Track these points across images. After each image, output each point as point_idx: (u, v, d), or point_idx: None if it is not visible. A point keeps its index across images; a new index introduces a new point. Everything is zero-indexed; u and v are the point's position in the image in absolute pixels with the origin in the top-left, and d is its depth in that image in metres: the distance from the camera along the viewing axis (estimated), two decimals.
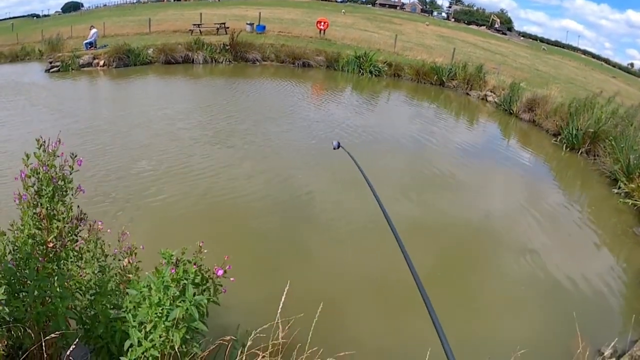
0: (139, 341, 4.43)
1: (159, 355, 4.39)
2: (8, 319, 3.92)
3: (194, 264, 4.56)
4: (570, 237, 12.68)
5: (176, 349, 4.36)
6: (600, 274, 11.01)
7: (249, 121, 18.44)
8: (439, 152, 18.25)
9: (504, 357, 6.47)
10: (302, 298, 6.32)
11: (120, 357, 4.47)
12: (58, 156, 4.48)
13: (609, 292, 10.34)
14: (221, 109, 19.87)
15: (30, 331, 4.32)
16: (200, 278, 4.59)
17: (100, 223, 5.46)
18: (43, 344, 4.19)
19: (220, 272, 4.61)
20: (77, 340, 4.40)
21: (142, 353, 4.40)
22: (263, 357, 4.99)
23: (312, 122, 19.62)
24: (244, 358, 4.87)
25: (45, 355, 4.39)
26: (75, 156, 4.60)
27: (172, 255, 4.51)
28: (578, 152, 20.11)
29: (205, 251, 4.67)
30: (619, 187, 16.23)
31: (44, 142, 4.41)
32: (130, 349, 4.46)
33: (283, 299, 5.15)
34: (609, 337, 8.17)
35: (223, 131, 16.76)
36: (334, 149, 5.69)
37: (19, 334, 4.40)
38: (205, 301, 4.48)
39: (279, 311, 5.15)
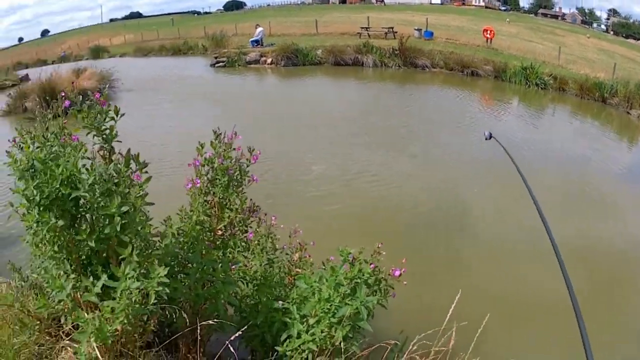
0: (298, 333, 4.48)
1: (317, 350, 4.39)
2: (165, 298, 3.92)
3: (371, 264, 4.57)
4: None
5: (335, 345, 4.34)
6: None
7: (423, 130, 18.46)
8: (600, 172, 17.97)
9: None
10: (466, 310, 5.99)
11: (275, 347, 4.56)
12: (234, 149, 4.54)
13: None
14: (397, 115, 19.93)
15: (184, 314, 4.37)
16: (374, 279, 4.58)
17: (273, 218, 5.69)
18: (198, 327, 4.23)
19: (397, 273, 4.59)
20: (237, 330, 4.41)
21: (299, 345, 4.42)
22: None
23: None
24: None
25: (195, 336, 4.42)
26: (253, 150, 4.64)
27: (349, 253, 4.56)
28: None
29: (384, 253, 4.69)
30: None
31: (220, 133, 4.50)
32: (287, 340, 4.53)
33: (453, 307, 5.05)
34: None
35: (398, 138, 16.83)
36: (486, 139, 5.49)
37: (173, 314, 4.49)
38: (375, 302, 4.43)
39: (446, 318, 5.02)
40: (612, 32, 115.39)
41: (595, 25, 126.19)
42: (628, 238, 12.31)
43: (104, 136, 3.98)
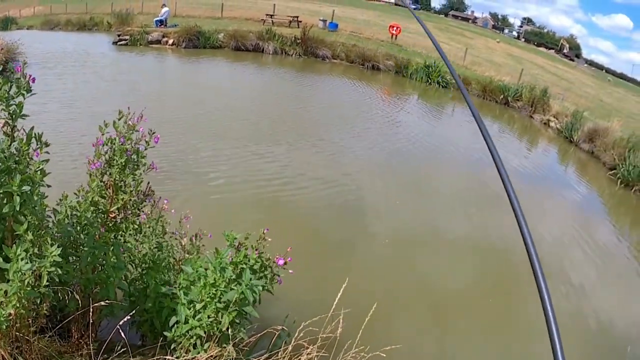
0: (186, 319, 4.55)
1: (204, 335, 4.47)
2: (58, 280, 3.95)
3: (256, 250, 4.60)
4: (618, 277, 13.01)
5: (223, 331, 4.41)
6: (638, 318, 11.08)
7: (320, 120, 18.50)
8: (494, 172, 17.59)
9: None
10: (354, 296, 6.27)
11: (164, 332, 4.61)
12: (137, 130, 4.59)
13: None
14: (291, 102, 19.90)
15: (77, 296, 4.38)
16: (260, 265, 4.62)
17: (166, 201, 5.68)
18: (91, 310, 4.25)
19: (281, 262, 4.65)
20: (127, 315, 4.47)
21: (187, 331, 4.51)
22: (308, 349, 4.92)
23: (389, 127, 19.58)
24: (289, 349, 4.85)
25: (87, 321, 4.46)
26: (154, 133, 4.68)
27: (235, 238, 4.59)
28: (632, 190, 20.76)
29: (269, 239, 4.74)
30: None
31: (123, 116, 4.55)
32: (175, 326, 4.59)
33: (340, 294, 5.18)
34: None
35: (291, 126, 16.81)
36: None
37: (65, 297, 4.48)
38: (260, 287, 4.50)
39: (333, 305, 5.16)
40: (523, 40, 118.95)
41: (506, 31, 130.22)
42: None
43: (10, 112, 3.78)
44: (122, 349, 4.54)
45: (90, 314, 4.25)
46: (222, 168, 12.86)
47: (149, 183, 5.09)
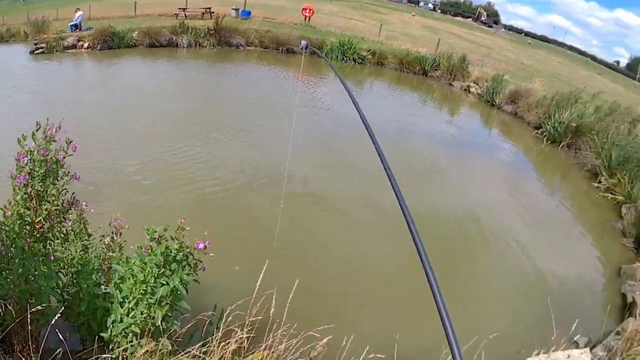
0: (121, 317, 4.58)
1: (139, 332, 4.53)
2: None
3: (176, 240, 4.64)
4: (550, 229, 13.59)
5: (156, 326, 4.49)
6: (579, 266, 11.79)
7: (234, 106, 18.21)
8: (421, 141, 19.34)
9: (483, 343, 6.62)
10: (278, 276, 6.38)
11: (101, 333, 4.66)
12: (55, 141, 4.57)
13: (587, 285, 11.12)
14: (205, 93, 19.51)
15: (11, 308, 4.43)
16: (182, 255, 4.65)
17: (84, 203, 5.52)
18: (28, 320, 4.26)
19: (201, 246, 4.64)
20: (57, 315, 4.34)
21: (123, 329, 4.55)
22: (237, 333, 5.04)
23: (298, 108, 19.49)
24: (219, 335, 4.98)
25: (26, 332, 4.45)
26: (71, 142, 4.65)
27: (155, 232, 4.66)
28: (559, 146, 21.49)
29: (187, 228, 4.74)
30: (600, 182, 17.24)
31: (40, 127, 4.54)
32: (111, 325, 4.63)
33: (261, 277, 5.40)
34: (585, 327, 8.52)
35: (210, 116, 16.52)
36: (302, 49, 5.62)
37: (0, 310, 4.47)
38: (188, 279, 4.59)
39: (256, 289, 5.37)
40: (439, 11, 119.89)
41: (422, 4, 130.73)
42: (452, 199, 14.03)
43: None
44: (63, 356, 4.59)
45: (28, 324, 4.27)
46: (149, 169, 12.47)
47: (73, 193, 5.09)
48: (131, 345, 4.53)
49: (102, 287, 4.95)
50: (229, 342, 4.92)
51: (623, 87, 53.07)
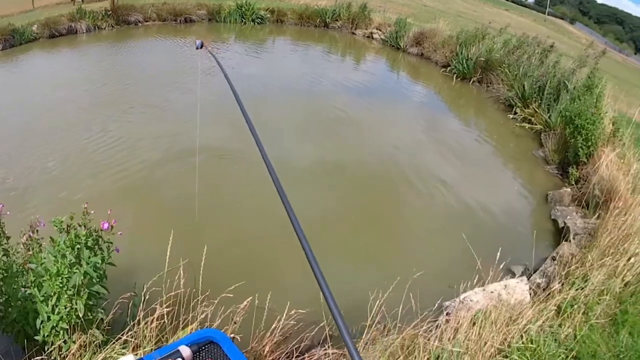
0: (48, 316, 4.54)
1: (68, 328, 4.52)
2: None
3: (84, 226, 4.64)
4: (473, 163, 13.74)
5: (82, 318, 4.48)
6: (506, 197, 11.99)
7: (142, 84, 17.37)
8: (331, 93, 18.83)
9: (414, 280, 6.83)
10: (188, 245, 6.57)
11: (35, 337, 4.62)
12: None
13: (517, 214, 11.31)
14: (111, 76, 18.51)
15: None
16: (92, 240, 4.64)
17: (0, 205, 5.39)
18: None
19: (106, 226, 4.68)
20: None
21: (52, 328, 4.53)
22: (157, 309, 5.07)
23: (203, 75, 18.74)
24: (141, 314, 4.96)
25: None
26: None
27: (62, 222, 4.61)
28: (470, 82, 21.69)
29: (92, 212, 4.74)
30: (515, 113, 17.71)
31: None
32: (41, 326, 4.58)
33: (169, 251, 5.36)
34: (519, 256, 8.95)
35: (120, 98, 15.59)
36: (197, 48, 5.73)
37: None
38: (100, 262, 4.61)
39: (166, 263, 5.35)
40: None
41: None
42: (373, 146, 13.82)
43: None
44: None
45: None
46: (68, 162, 11.63)
47: None
48: (64, 343, 4.54)
49: (22, 289, 4.91)
50: (151, 321, 4.93)
51: (532, 21, 53.92)
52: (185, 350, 2.67)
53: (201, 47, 5.69)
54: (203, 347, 2.84)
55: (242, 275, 7.01)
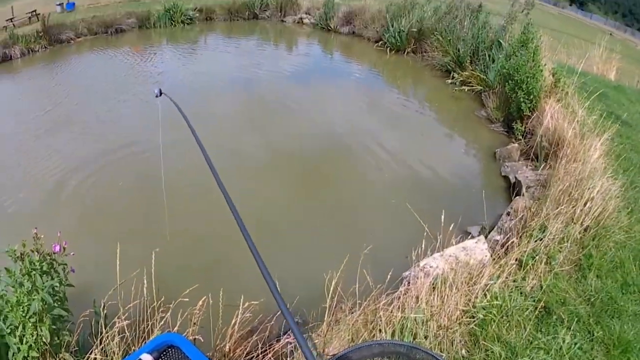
0: (17, 347, 4.45)
1: (38, 355, 4.44)
2: None
3: (36, 251, 4.62)
4: (417, 130, 13.95)
5: (49, 343, 4.42)
6: (455, 159, 12.13)
7: (84, 100, 16.86)
8: (270, 81, 18.83)
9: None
10: (137, 256, 6.10)
11: None
12: None
13: (467, 175, 11.39)
14: (53, 98, 17.94)
15: None
16: (46, 264, 4.64)
17: None
18: None
19: (57, 248, 4.65)
20: None
21: (24, 358, 4.42)
22: (117, 323, 4.97)
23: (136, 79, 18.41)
24: (104, 330, 4.88)
25: None
26: None
27: (14, 251, 4.55)
28: (404, 53, 21.76)
29: (42, 236, 4.71)
30: (453, 77, 17.73)
31: None
32: (14, 358, 4.49)
33: (118, 261, 5.25)
34: (475, 216, 9.02)
35: (69, 118, 15.08)
36: (156, 96, 5.64)
37: None
38: (58, 285, 4.61)
39: (117, 277, 5.25)
40: None
41: None
42: (318, 128, 13.89)
43: None
44: None
45: None
46: (24, 195, 11.26)
47: None
48: None
49: None
50: (113, 336, 4.84)
51: None
52: (147, 358, 2.78)
53: (160, 94, 5.58)
54: (164, 353, 2.94)
55: (195, 277, 6.82)
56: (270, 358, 5.71)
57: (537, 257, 6.92)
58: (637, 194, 9.29)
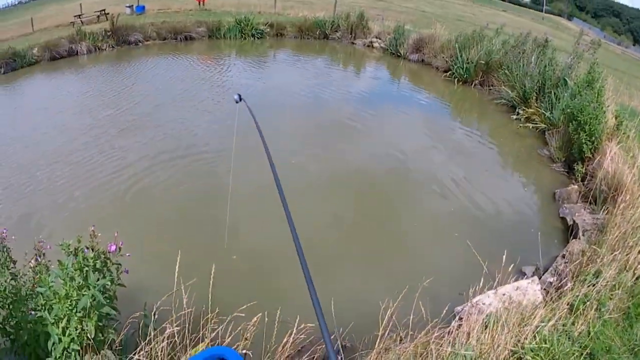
0: (59, 338, 4.51)
1: (80, 349, 4.50)
2: None
3: (91, 249, 4.67)
4: (479, 165, 13.84)
5: (93, 339, 4.48)
6: (514, 197, 11.99)
7: (155, 106, 17.31)
8: (337, 103, 18.94)
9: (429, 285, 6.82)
10: (195, 265, 6.53)
11: (47, 359, 4.55)
12: None
13: (525, 214, 11.30)
14: (120, 101, 18.47)
15: None
16: (100, 262, 4.69)
17: (4, 230, 5.52)
18: None
19: (113, 248, 4.72)
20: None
21: (64, 349, 4.49)
22: (167, 329, 5.06)
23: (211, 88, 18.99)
24: (151, 333, 4.95)
25: None
26: None
27: (69, 245, 4.61)
28: (471, 85, 21.72)
29: (99, 234, 4.79)
30: (518, 113, 17.64)
31: None
32: (53, 348, 4.54)
33: (177, 268, 5.36)
34: (530, 257, 8.95)
35: (143, 120, 15.57)
36: (236, 102, 5.57)
37: None
38: (109, 284, 4.67)
39: (175, 282, 5.32)
40: None
41: None
42: (382, 155, 13.86)
43: None
44: None
45: None
46: (76, 186, 11.67)
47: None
48: None
49: (32, 312, 4.86)
50: (162, 340, 4.92)
51: (529, 20, 53.83)
52: None
53: (240, 100, 5.59)
54: None
55: (251, 292, 7.06)
56: None
57: (588, 303, 6.96)
58: None
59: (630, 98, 17.00)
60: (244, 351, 5.43)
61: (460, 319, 6.93)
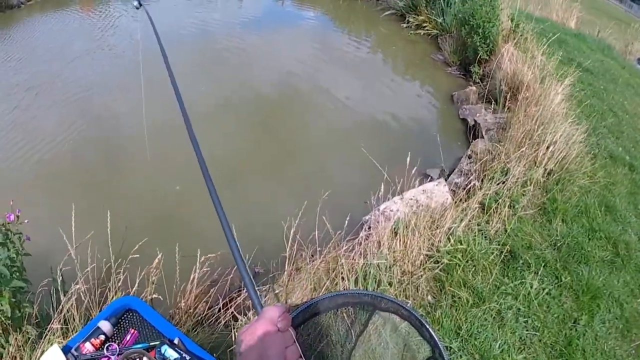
0: None
1: (0, 330, 4.31)
2: None
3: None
4: (373, 75, 13.40)
5: (11, 317, 4.26)
6: (412, 102, 11.90)
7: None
8: (223, 33, 17.06)
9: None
10: (91, 215, 5.92)
11: None
12: None
13: (424, 117, 11.25)
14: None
15: None
16: (1, 235, 4.41)
17: None
18: None
19: (12, 217, 4.48)
20: None
21: None
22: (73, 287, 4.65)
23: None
24: (63, 299, 4.57)
25: None
26: None
27: None
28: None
29: None
30: (408, 22, 17.33)
31: None
32: None
33: (73, 224, 4.86)
34: (434, 159, 8.77)
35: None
36: (136, 8, 5.29)
37: None
38: (15, 255, 4.38)
39: (73, 239, 4.83)
40: None
41: None
42: (275, 72, 13.26)
43: None
44: None
45: None
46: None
47: None
48: (2, 347, 4.27)
49: None
50: (72, 302, 4.56)
51: None
52: (105, 325, 2.73)
53: (140, 6, 5.22)
54: (122, 317, 2.90)
55: (146, 231, 6.51)
56: (232, 311, 5.44)
57: (499, 201, 6.75)
58: (600, 140, 9.29)
59: (526, 3, 17.01)
60: (152, 296, 5.11)
61: (369, 228, 6.48)
